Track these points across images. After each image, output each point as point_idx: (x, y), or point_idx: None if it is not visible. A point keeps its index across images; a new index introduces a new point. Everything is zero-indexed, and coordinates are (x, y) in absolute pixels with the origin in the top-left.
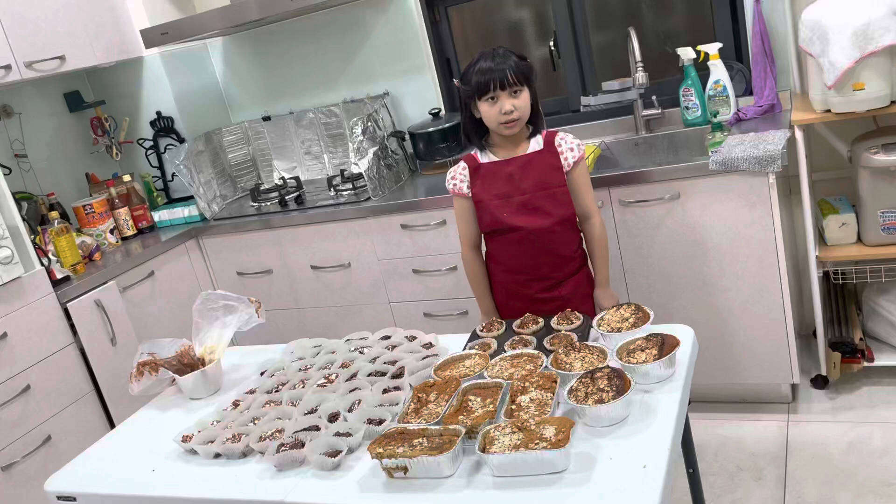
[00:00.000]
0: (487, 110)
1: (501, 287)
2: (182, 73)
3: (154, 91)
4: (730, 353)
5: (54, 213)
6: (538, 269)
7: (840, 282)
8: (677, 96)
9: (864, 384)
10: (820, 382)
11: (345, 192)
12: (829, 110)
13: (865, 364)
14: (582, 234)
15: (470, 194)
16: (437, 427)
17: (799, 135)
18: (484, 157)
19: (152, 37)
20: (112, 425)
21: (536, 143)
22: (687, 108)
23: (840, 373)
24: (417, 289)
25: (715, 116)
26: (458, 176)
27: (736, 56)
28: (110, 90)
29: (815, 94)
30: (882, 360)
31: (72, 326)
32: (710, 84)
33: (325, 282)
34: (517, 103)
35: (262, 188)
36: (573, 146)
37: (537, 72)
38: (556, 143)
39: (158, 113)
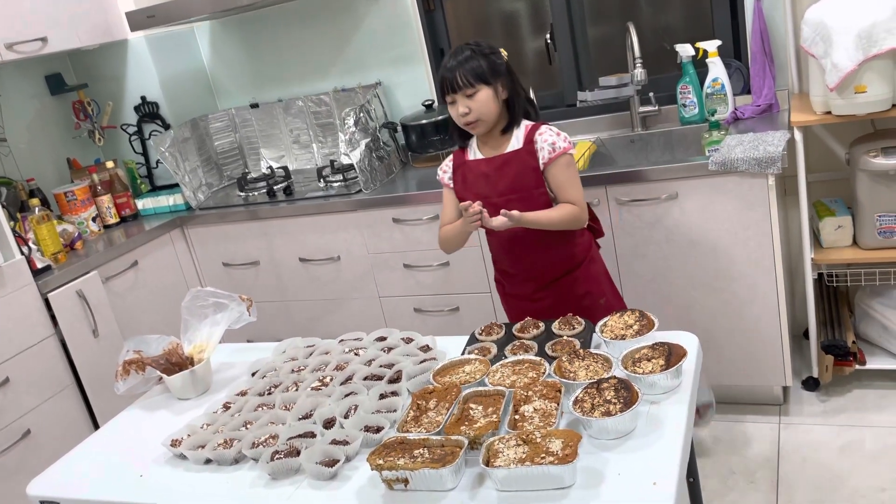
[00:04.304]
0: (451, 111)
1: (499, 284)
2: (168, 57)
3: (139, 75)
4: (723, 355)
5: (35, 200)
6: (526, 271)
7: (834, 284)
8: (674, 93)
9: (856, 387)
10: (811, 384)
11: (335, 184)
12: (829, 112)
13: (857, 367)
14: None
15: (452, 185)
16: (439, 437)
17: (798, 136)
18: (470, 154)
19: (138, 19)
20: (93, 419)
21: (517, 140)
22: (684, 105)
23: (832, 375)
24: (408, 283)
25: (712, 115)
26: (444, 167)
27: (734, 54)
28: (93, 73)
29: (816, 96)
30: (874, 363)
31: (52, 317)
32: (708, 82)
33: (314, 274)
34: (472, 105)
35: (249, 177)
36: (545, 145)
37: (503, 66)
38: (534, 140)
39: (143, 98)
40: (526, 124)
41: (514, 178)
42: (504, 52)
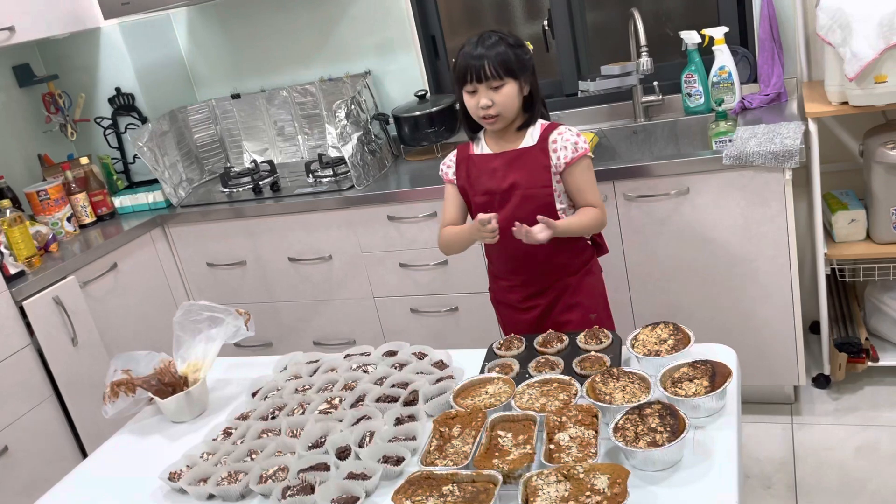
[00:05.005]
0: (468, 101)
1: (491, 291)
2: (143, 46)
3: (113, 65)
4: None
5: (6, 201)
6: (517, 275)
7: (847, 279)
8: (677, 82)
9: (867, 384)
10: (822, 382)
11: (325, 179)
12: (845, 102)
13: (870, 364)
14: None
15: (455, 181)
16: (469, 472)
17: (813, 127)
18: (477, 148)
19: (112, 6)
20: (75, 433)
21: (531, 138)
22: (689, 94)
23: (845, 373)
24: (404, 283)
25: (719, 104)
26: (447, 162)
27: (740, 41)
28: (64, 63)
29: (832, 86)
30: (886, 359)
31: (28, 326)
32: (714, 70)
33: (304, 275)
34: (496, 98)
35: (232, 172)
36: (568, 144)
37: (530, 60)
38: (551, 139)
39: (118, 89)
40: (542, 123)
41: (524, 175)
42: (530, 46)
